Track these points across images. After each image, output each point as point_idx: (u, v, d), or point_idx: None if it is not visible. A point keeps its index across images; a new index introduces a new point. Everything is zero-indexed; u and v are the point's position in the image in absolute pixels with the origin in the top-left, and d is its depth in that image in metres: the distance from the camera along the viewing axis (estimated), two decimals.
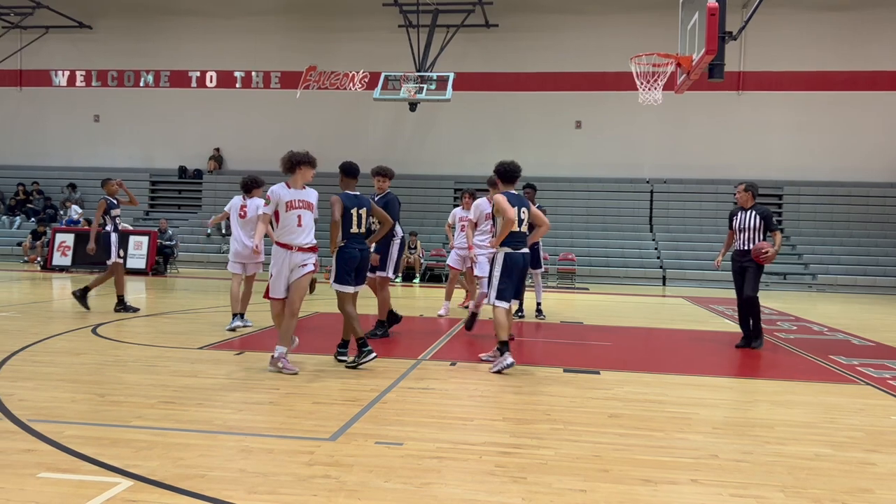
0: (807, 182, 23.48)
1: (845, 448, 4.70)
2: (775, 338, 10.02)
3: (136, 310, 10.73)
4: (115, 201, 10.75)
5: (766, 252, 8.36)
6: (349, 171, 7.09)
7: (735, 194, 9.04)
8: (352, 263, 6.88)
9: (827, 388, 6.68)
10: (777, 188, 23.56)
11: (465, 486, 3.77)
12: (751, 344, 8.73)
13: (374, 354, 6.70)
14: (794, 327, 11.33)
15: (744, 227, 8.61)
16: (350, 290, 6.90)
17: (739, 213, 8.70)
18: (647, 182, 23.71)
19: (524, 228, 7.07)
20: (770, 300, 16.44)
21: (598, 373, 6.96)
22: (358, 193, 7.06)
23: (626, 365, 7.51)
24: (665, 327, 10.74)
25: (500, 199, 6.95)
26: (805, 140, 23.27)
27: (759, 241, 8.51)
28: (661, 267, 21.39)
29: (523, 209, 7.04)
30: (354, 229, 6.89)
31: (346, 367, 6.74)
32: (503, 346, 6.87)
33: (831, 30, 23.09)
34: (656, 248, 22.28)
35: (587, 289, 19.09)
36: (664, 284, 20.72)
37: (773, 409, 5.69)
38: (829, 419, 5.43)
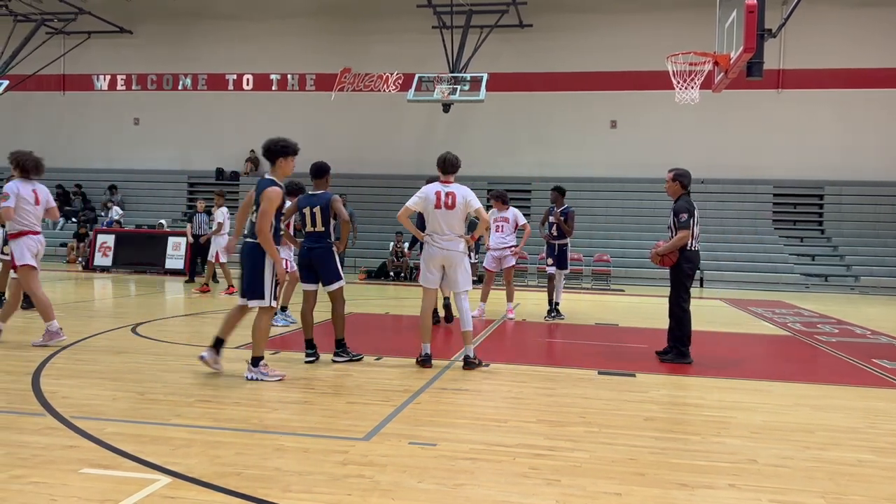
0: (848, 182, 22.94)
1: (888, 454, 4.59)
2: (816, 341, 9.83)
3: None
4: None
5: (651, 253, 7.68)
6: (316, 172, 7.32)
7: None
8: (300, 261, 7.16)
9: (869, 392, 6.53)
10: (818, 188, 23.09)
11: (498, 488, 3.76)
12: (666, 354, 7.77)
13: (312, 358, 7.05)
14: (836, 330, 11.10)
15: (668, 224, 7.76)
16: (302, 286, 7.21)
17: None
18: None
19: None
20: (810, 302, 16.12)
21: (634, 375, 6.89)
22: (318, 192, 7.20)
23: (662, 368, 7.43)
24: (702, 329, 10.58)
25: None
26: (847, 139, 22.72)
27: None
28: (698, 268, 21.08)
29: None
30: (308, 227, 7.09)
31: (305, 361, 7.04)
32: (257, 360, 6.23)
33: (874, 26, 22.52)
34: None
35: (622, 290, 18.91)
36: (702, 286, 20.41)
37: (814, 414, 5.58)
38: (872, 424, 5.31)
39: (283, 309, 9.78)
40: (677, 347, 7.69)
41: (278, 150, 6.29)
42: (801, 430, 5.09)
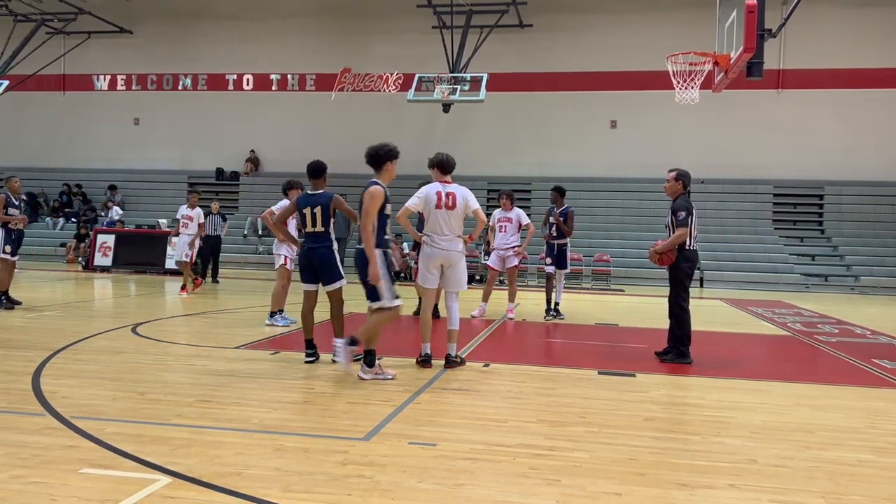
0: (849, 182, 22.95)
1: (888, 454, 4.59)
2: (816, 341, 9.83)
3: (18, 303, 10.98)
4: (14, 200, 11.06)
5: (649, 252, 7.69)
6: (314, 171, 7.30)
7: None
8: (301, 261, 7.14)
9: (869, 392, 6.53)
10: (818, 188, 23.10)
11: (498, 488, 3.76)
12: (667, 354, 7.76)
13: (312, 359, 7.04)
14: (836, 330, 11.10)
15: (666, 224, 7.70)
16: (303, 287, 7.17)
17: None
18: None
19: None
20: (810, 302, 16.12)
21: (634, 375, 6.89)
22: (319, 192, 7.18)
23: (662, 368, 7.43)
24: (702, 329, 10.59)
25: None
26: (847, 139, 22.73)
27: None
28: (698, 268, 21.06)
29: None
30: (308, 228, 7.07)
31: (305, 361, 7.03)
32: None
33: (874, 26, 22.53)
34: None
35: (622, 290, 18.91)
36: (701, 286, 20.42)
37: (814, 414, 5.58)
38: (871, 424, 5.31)
39: (279, 311, 9.76)
40: (677, 347, 7.68)
41: (385, 155, 6.47)
42: (801, 430, 5.09)
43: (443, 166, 7.14)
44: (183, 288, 13.88)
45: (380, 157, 6.45)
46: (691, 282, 7.79)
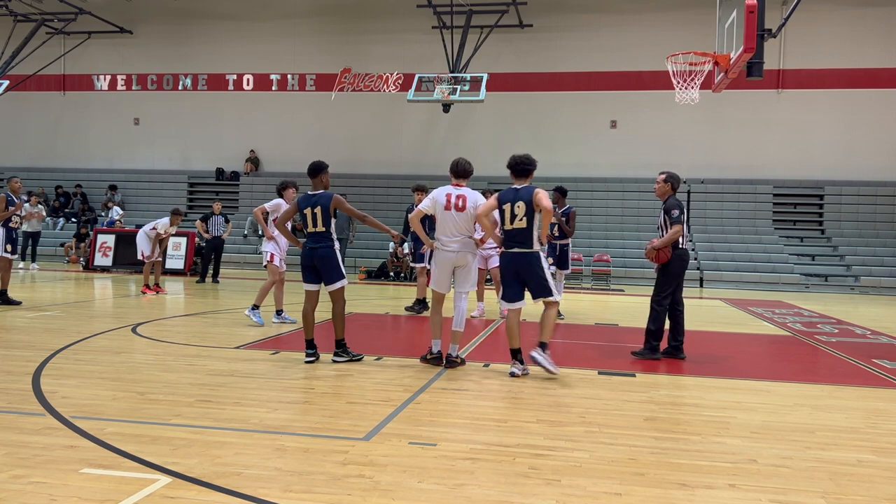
0: (849, 182, 22.95)
1: (888, 454, 4.59)
2: (816, 341, 9.82)
3: (18, 303, 11.17)
4: (14, 199, 11.20)
5: (646, 249, 7.80)
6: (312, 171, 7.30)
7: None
8: (303, 261, 7.15)
9: (869, 392, 6.53)
10: (818, 188, 23.09)
11: (498, 488, 3.76)
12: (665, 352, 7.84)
13: (312, 358, 7.04)
14: (836, 330, 11.09)
15: (658, 224, 7.88)
16: (304, 286, 7.19)
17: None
18: (685, 182, 23.37)
19: (516, 225, 6.68)
20: (811, 303, 16.11)
21: (634, 375, 6.89)
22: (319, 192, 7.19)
23: (662, 367, 7.43)
24: (702, 329, 10.59)
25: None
26: (847, 139, 22.73)
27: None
28: (698, 269, 21.10)
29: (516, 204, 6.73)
30: (310, 228, 7.10)
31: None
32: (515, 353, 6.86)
33: (874, 26, 22.53)
34: (693, 250, 21.98)
35: (622, 290, 18.91)
36: (701, 286, 20.43)
37: (814, 414, 5.58)
38: (872, 424, 5.31)
39: (279, 312, 9.79)
40: (649, 342, 7.72)
41: (532, 165, 6.97)
42: (801, 430, 5.09)
43: (455, 170, 7.25)
44: (153, 285, 13.85)
45: (532, 164, 6.95)
46: (681, 280, 7.83)
